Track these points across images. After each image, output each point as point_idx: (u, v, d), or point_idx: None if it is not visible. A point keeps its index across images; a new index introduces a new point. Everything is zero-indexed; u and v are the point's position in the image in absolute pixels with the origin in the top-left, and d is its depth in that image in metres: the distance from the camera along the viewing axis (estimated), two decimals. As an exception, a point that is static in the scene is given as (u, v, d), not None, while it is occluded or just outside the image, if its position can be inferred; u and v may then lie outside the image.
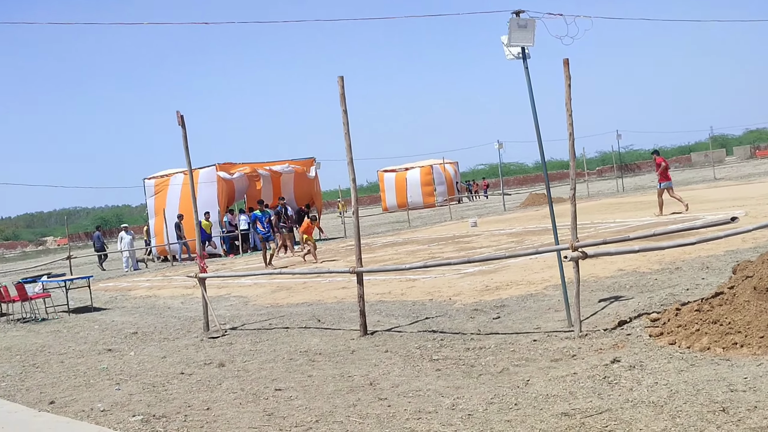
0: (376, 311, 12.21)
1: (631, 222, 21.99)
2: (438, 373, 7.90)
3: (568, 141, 8.65)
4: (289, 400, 7.46)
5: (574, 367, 7.38)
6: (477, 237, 24.10)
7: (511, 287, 12.80)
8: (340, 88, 10.15)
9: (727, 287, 8.10)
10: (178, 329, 12.99)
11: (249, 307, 14.79)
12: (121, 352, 11.38)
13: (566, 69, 8.53)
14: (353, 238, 22.52)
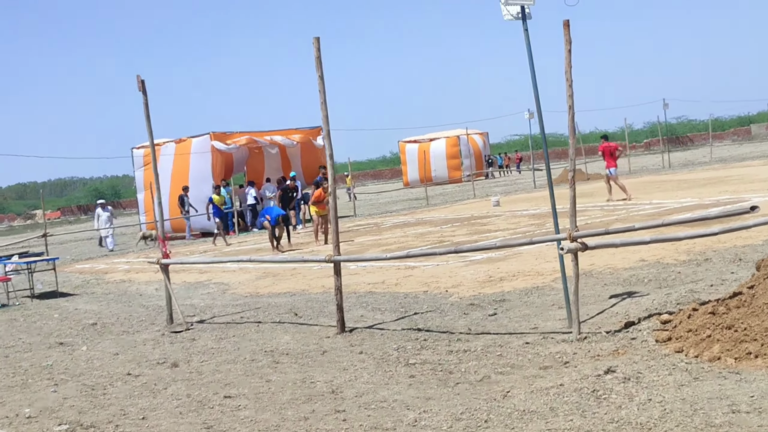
0: (362, 304, 11.96)
1: (668, 204, 21.55)
2: (411, 380, 7.64)
3: (568, 114, 8.29)
4: (236, 409, 7.22)
5: (562, 376, 7.08)
6: (496, 218, 23.78)
7: (517, 278, 12.49)
8: (315, 50, 9.83)
9: (746, 286, 7.74)
10: (142, 321, 12.81)
11: (226, 296, 14.59)
12: (73, 347, 11.22)
13: (566, 32, 8.16)
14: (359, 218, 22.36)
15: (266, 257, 15.95)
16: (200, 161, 31.55)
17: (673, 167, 43.95)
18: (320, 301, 12.55)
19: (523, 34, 9.12)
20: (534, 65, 9.10)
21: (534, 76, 9.13)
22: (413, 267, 14.91)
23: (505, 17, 9.12)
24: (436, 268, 14.48)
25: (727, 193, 22.49)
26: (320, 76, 9.89)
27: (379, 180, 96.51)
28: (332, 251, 10.41)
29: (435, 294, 12.12)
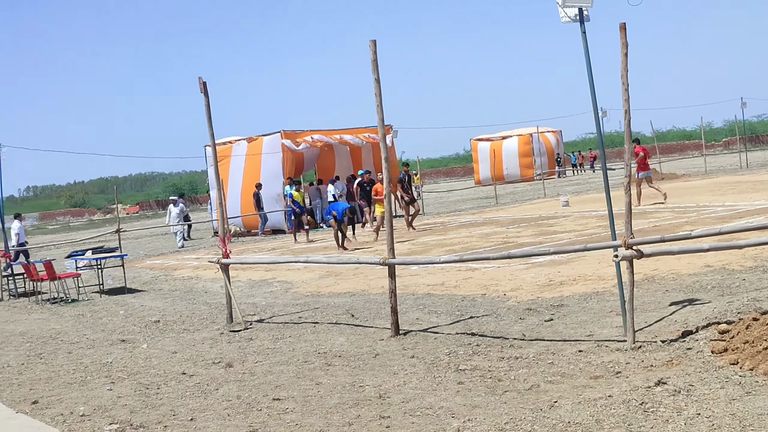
0: (419, 306, 11.91)
1: (741, 206, 20.98)
2: (459, 386, 7.56)
3: (624, 119, 8.11)
4: (283, 413, 7.24)
5: (612, 387, 6.92)
6: (564, 219, 23.47)
7: (578, 282, 12.29)
8: (371, 53, 9.80)
9: (807, 298, 7.47)
10: (203, 319, 12.96)
11: (288, 295, 14.67)
12: (135, 344, 11.40)
13: (623, 35, 7.97)
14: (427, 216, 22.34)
15: (322, 257, 15.97)
16: (271, 160, 31.78)
17: (750, 167, 42.82)
18: (378, 303, 12.52)
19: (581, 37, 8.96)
20: (591, 67, 8.94)
21: (591, 78, 8.96)
22: (474, 269, 14.79)
23: (563, 20, 8.97)
24: (497, 270, 14.34)
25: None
26: (376, 79, 9.86)
27: (452, 177, 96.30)
28: (387, 254, 10.35)
29: (493, 297, 12.00)
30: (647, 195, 25.43)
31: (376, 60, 9.83)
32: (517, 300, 11.57)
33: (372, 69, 9.86)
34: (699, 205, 22.98)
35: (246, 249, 26.23)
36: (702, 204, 23.10)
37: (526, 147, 61.57)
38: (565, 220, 22.97)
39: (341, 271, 16.71)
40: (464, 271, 14.69)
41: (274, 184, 31.43)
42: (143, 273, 21.48)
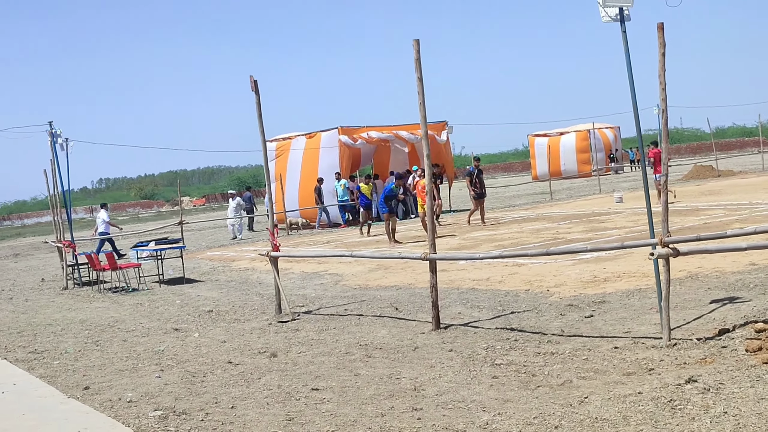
0: (462, 301, 11.92)
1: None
2: (493, 381, 7.56)
3: (661, 117, 8.01)
4: (320, 402, 7.32)
5: (643, 384, 6.87)
6: (616, 215, 23.24)
7: (621, 279, 12.18)
8: (414, 52, 9.82)
9: (844, 298, 7.32)
10: (254, 309, 13.12)
11: (337, 287, 14.77)
12: (187, 333, 11.59)
13: (660, 35, 7.87)
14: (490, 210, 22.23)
15: (368, 252, 16.03)
16: (329, 155, 32.00)
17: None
18: (423, 296, 12.54)
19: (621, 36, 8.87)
20: (632, 66, 8.84)
21: (631, 77, 8.87)
22: (521, 264, 14.74)
23: (604, 19, 8.89)
24: (543, 266, 14.26)
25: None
26: (419, 77, 9.88)
27: (510, 173, 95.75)
28: (428, 249, 10.37)
29: (536, 293, 11.94)
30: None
31: (419, 59, 9.85)
32: (560, 296, 11.50)
33: (415, 68, 9.88)
34: (752, 202, 22.56)
35: (301, 242, 26.45)
36: (756, 201, 22.68)
37: (583, 143, 60.97)
38: (617, 217, 22.73)
39: (390, 264, 16.76)
40: (510, 267, 14.64)
41: (332, 178, 31.63)
42: (202, 264, 21.78)
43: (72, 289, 18.74)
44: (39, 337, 12.31)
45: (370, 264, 17.26)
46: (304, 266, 18.28)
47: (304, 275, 16.91)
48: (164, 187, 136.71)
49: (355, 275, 16.03)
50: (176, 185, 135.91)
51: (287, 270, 17.92)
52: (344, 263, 17.95)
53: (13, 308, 16.27)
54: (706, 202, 24.51)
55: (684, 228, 17.42)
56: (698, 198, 26.38)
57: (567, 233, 19.54)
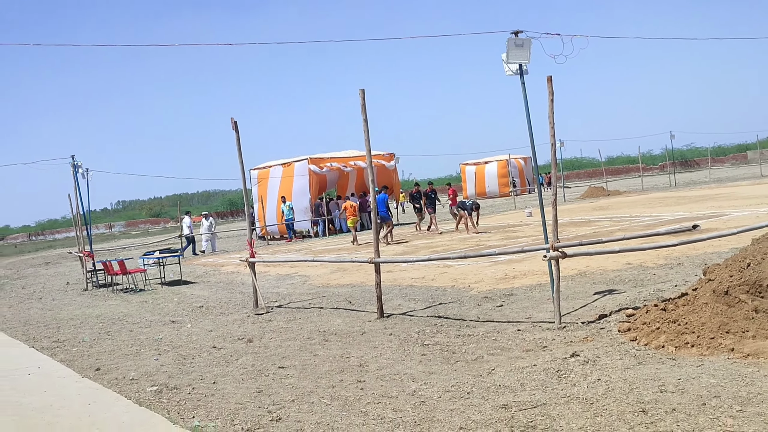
0: (402, 295, 11.97)
1: (665, 216, 20.93)
2: (422, 357, 7.62)
3: (551, 151, 8.16)
4: (285, 378, 7.32)
5: (538, 358, 6.98)
6: (526, 227, 23.44)
7: (527, 276, 12.32)
8: (361, 99, 9.88)
9: (692, 288, 7.51)
10: (237, 305, 13.04)
11: (305, 286, 14.74)
12: (181, 324, 11.49)
13: (549, 85, 8.03)
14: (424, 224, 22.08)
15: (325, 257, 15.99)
16: (301, 181, 31.93)
17: (678, 186, 42.62)
18: (372, 292, 12.54)
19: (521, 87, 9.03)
20: (530, 113, 9.01)
21: (529, 120, 9.03)
22: (450, 266, 14.84)
23: (507, 73, 9.05)
24: (466, 267, 14.38)
25: (713, 208, 21.76)
26: (365, 119, 9.92)
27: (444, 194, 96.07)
28: (373, 254, 10.42)
29: (460, 288, 12.05)
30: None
31: (365, 105, 9.91)
32: (478, 290, 11.61)
33: (361, 112, 9.94)
34: (632, 215, 22.92)
35: (279, 250, 26.34)
36: (635, 214, 23.04)
37: (503, 170, 61.50)
38: (527, 228, 22.95)
39: (347, 267, 16.78)
40: (441, 268, 14.74)
41: (303, 199, 31.57)
42: (197, 269, 21.58)
43: (91, 291, 18.45)
44: (62, 329, 12.12)
45: (331, 267, 17.26)
46: (279, 270, 18.22)
47: (279, 277, 16.86)
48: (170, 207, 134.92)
49: (320, 276, 16.01)
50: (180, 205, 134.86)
51: (265, 273, 17.84)
52: (312, 267, 17.93)
53: (41, 306, 15.99)
54: (597, 215, 24.85)
55: (578, 236, 17.68)
56: (590, 212, 26.72)
57: (487, 241, 19.70)
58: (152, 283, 18.15)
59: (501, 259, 14.76)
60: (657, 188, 42.66)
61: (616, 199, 35.82)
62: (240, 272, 19.06)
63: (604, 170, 52.82)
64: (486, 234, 22.25)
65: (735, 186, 33.60)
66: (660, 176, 69.61)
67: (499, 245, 17.94)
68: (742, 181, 37.80)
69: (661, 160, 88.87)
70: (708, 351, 6.39)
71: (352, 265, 16.89)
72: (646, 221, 20.11)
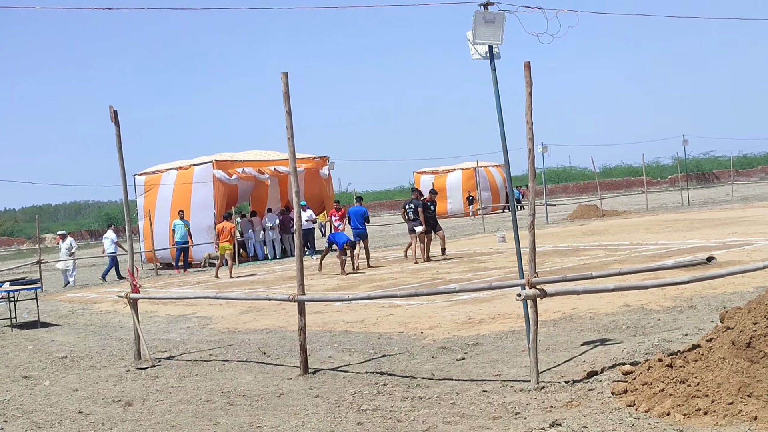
0: (334, 344, 11.98)
1: (674, 245, 21.43)
2: (358, 427, 7.62)
3: (528, 158, 8.29)
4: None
5: (508, 428, 7.05)
6: (498, 255, 23.73)
7: (496, 321, 12.46)
8: (283, 86, 9.91)
9: (705, 339, 7.70)
10: (113, 355, 12.87)
11: (204, 331, 14.63)
12: (37, 380, 11.28)
13: (527, 73, 8.18)
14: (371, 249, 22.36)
15: (232, 294, 15.91)
16: (203, 190, 31.67)
17: (692, 205, 43.73)
18: (294, 340, 12.45)
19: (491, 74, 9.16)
20: (501, 104, 9.15)
21: (501, 114, 9.17)
22: (397, 305, 14.92)
23: (473, 57, 9.18)
24: (419, 307, 14.47)
25: (736, 234, 22.37)
26: (288, 111, 9.95)
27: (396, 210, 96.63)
28: (297, 290, 10.41)
29: (410, 335, 12.11)
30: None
31: (288, 92, 9.93)
32: (434, 338, 11.68)
33: (283, 101, 9.95)
34: (633, 243, 23.39)
35: (171, 282, 26.08)
36: (636, 242, 23.51)
37: (470, 182, 61.97)
38: (498, 257, 23.21)
39: (263, 306, 16.71)
40: (387, 308, 14.80)
41: (205, 215, 31.33)
42: (61, 306, 21.22)
43: None
44: None
45: (242, 306, 17.17)
46: (171, 309, 18.04)
47: (170, 318, 16.68)
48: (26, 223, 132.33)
49: (225, 318, 15.90)
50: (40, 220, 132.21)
51: (152, 313, 17.64)
52: (215, 305, 17.79)
53: None
54: (588, 242, 25.29)
55: (563, 269, 17.95)
56: (580, 238, 27.19)
57: (447, 273, 19.87)
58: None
59: (464, 298, 14.89)
60: (665, 208, 43.68)
61: (613, 221, 36.53)
62: (118, 312, 18.81)
63: (599, 183, 53.81)
64: (446, 263, 22.42)
65: (763, 206, 34.59)
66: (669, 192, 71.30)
67: (462, 279, 18.11)
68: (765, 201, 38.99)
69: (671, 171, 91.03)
70: (725, 420, 6.53)
71: (269, 304, 16.82)
72: (650, 251, 20.55)
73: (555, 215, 44.70)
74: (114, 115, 11.62)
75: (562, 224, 38.34)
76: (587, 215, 41.33)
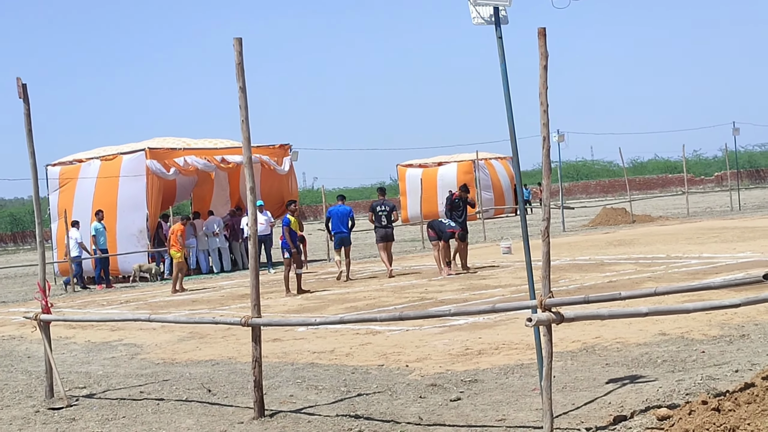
0: (297, 379, 11.99)
1: (721, 259, 21.58)
2: (327, 485, 7.63)
3: (542, 148, 8.31)
4: None
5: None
6: (501, 270, 23.85)
7: (500, 352, 12.51)
8: (236, 55, 9.88)
9: (761, 377, 7.75)
10: (18, 392, 12.83)
11: (134, 362, 14.61)
12: None
13: (542, 43, 8.17)
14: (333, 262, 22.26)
15: (169, 316, 15.85)
16: (132, 185, 31.60)
17: (743, 209, 44.09)
18: (246, 374, 12.48)
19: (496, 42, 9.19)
20: (508, 79, 9.17)
21: (508, 92, 9.19)
22: (376, 332, 14.95)
23: (475, 21, 9.20)
24: (403, 334, 14.50)
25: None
26: (241, 87, 9.92)
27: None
28: (251, 311, 10.40)
29: (391, 369, 12.12)
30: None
31: (242, 63, 9.91)
32: (422, 373, 11.70)
33: (236, 74, 9.92)
34: (670, 256, 23.54)
35: (92, 300, 26.03)
36: (674, 255, 23.68)
37: (467, 177, 61.99)
38: (502, 272, 23.34)
39: (208, 332, 16.70)
40: (363, 335, 14.82)
41: (135, 216, 31.28)
42: (-48, 331, 21.14)
43: None
44: None
45: (180, 331, 17.15)
46: (91, 334, 18.02)
47: (91, 346, 16.65)
48: None
49: (159, 346, 15.89)
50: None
51: (68, 339, 17.61)
52: (146, 330, 17.80)
53: None
54: (615, 254, 25.45)
55: (583, 287, 18.03)
56: (605, 249, 27.36)
57: (438, 293, 19.93)
58: None
59: (459, 323, 14.93)
60: (711, 213, 44.07)
61: (646, 228, 36.78)
62: (24, 337, 18.78)
63: (628, 181, 54.04)
64: (437, 280, 22.49)
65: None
66: (716, 193, 71.85)
67: (458, 300, 18.16)
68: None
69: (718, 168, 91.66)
70: (785, 477, 6.57)
71: (215, 329, 16.80)
72: (692, 266, 20.70)
73: (573, 221, 44.96)
74: (23, 89, 11.57)
75: (582, 232, 38.57)
76: (613, 221, 41.53)
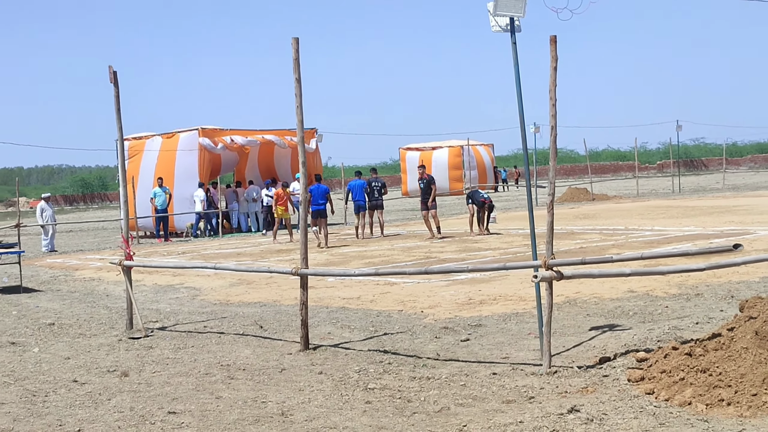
0: (332, 320, 11.89)
1: (670, 231, 21.47)
2: (367, 406, 7.54)
3: (550, 135, 8.21)
4: (178, 427, 7.13)
5: (524, 413, 6.97)
6: (490, 236, 23.68)
7: (498, 302, 12.41)
8: (294, 52, 9.75)
9: (726, 328, 7.65)
10: (102, 324, 12.72)
11: (195, 302, 14.51)
12: (25, 347, 11.12)
13: (553, 48, 8.08)
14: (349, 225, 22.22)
15: (231, 264, 15.74)
16: (187, 159, 31.44)
17: (683, 192, 43.92)
18: (289, 314, 12.45)
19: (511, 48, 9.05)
20: (520, 80, 9.04)
21: (520, 91, 9.06)
22: (392, 283, 14.83)
23: (493, 29, 9.06)
24: (416, 286, 14.39)
25: (733, 223, 22.44)
26: (297, 78, 9.80)
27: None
28: (300, 263, 10.30)
29: (410, 314, 12.03)
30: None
31: (298, 59, 9.78)
32: (435, 318, 11.61)
33: (293, 68, 9.80)
34: (628, 228, 23.42)
35: (154, 251, 25.90)
36: (631, 227, 23.56)
37: (456, 159, 61.98)
38: (490, 238, 23.19)
39: (253, 279, 16.60)
40: (382, 285, 14.71)
41: (189, 184, 31.13)
42: (42, 272, 21.03)
43: None
44: None
45: (230, 278, 17.04)
46: (157, 278, 17.88)
47: (157, 288, 16.55)
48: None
49: (215, 290, 15.78)
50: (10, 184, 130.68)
51: (138, 282, 17.45)
52: (202, 276, 17.66)
53: None
54: (581, 225, 25.31)
55: (560, 251, 17.90)
56: (573, 221, 27.21)
57: (440, 252, 19.80)
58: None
59: (461, 278, 14.82)
60: (656, 194, 43.86)
61: (604, 205, 36.63)
62: (102, 279, 18.66)
63: (589, 167, 53.84)
64: (439, 243, 22.37)
65: (757, 196, 34.76)
66: (658, 178, 71.69)
67: (458, 258, 18.05)
68: (765, 191, 39.16)
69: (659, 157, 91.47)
70: (749, 412, 6.50)
71: (259, 277, 16.71)
72: (647, 236, 20.57)
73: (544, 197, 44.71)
74: (114, 75, 11.43)
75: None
76: (577, 198, 41.39)
